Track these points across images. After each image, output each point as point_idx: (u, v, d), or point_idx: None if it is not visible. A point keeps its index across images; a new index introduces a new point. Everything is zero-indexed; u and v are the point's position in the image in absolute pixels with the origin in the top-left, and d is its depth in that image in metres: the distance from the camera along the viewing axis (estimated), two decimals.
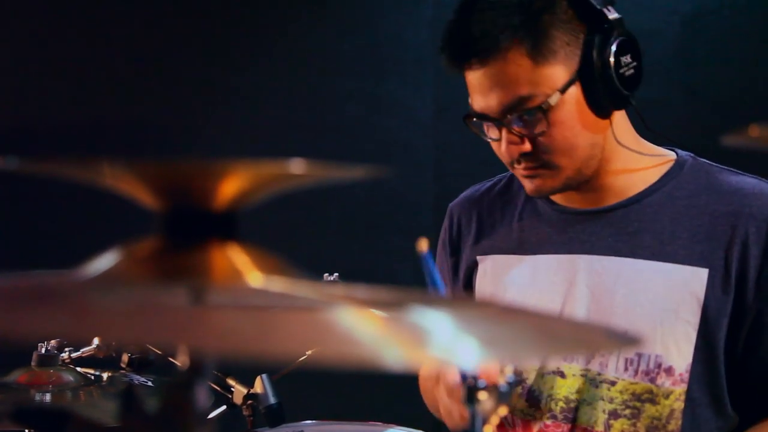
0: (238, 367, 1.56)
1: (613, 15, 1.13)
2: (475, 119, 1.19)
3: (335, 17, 2.77)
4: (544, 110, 1.11)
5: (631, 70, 1.14)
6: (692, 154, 1.24)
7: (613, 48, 1.12)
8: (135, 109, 2.67)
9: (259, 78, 2.72)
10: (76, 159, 0.49)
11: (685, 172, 1.21)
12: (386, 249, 2.72)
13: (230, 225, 0.50)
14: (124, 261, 0.49)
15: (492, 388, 0.85)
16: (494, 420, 0.86)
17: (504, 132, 1.15)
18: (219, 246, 0.49)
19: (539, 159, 1.15)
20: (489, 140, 1.19)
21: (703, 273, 1.13)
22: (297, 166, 0.47)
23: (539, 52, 1.11)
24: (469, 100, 1.19)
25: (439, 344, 0.48)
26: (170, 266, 0.48)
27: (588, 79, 1.12)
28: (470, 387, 0.85)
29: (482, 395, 0.85)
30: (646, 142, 1.24)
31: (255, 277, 0.49)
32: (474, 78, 1.16)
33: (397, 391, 2.25)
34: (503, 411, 0.87)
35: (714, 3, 2.44)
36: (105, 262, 0.49)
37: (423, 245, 0.97)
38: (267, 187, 0.50)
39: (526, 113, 1.12)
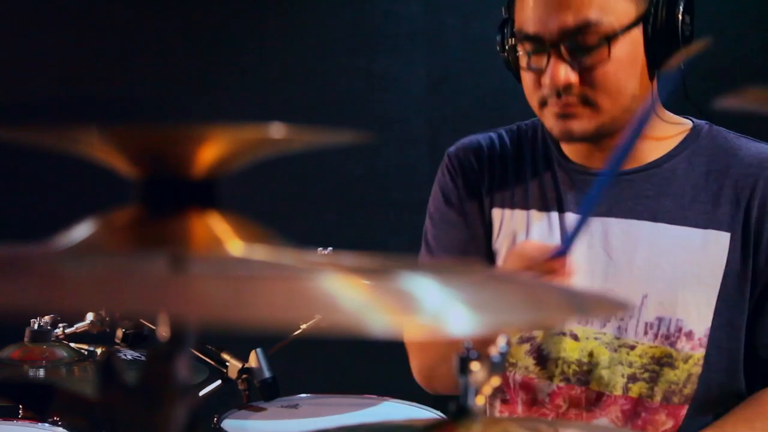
0: (233, 342, 1.55)
1: None
2: (524, 45, 1.12)
3: None
4: (609, 39, 1.07)
5: (688, 32, 1.12)
6: (708, 122, 1.22)
7: (682, 4, 1.10)
8: (129, 82, 2.64)
9: (252, 53, 2.69)
10: (52, 127, 0.47)
11: (703, 138, 1.19)
12: (381, 223, 2.71)
13: (210, 193, 0.49)
14: (101, 230, 0.47)
15: (484, 359, 0.83)
16: (487, 390, 0.85)
17: (554, 59, 1.08)
18: (198, 214, 0.48)
19: (582, 95, 1.10)
20: (528, 71, 1.13)
21: (724, 237, 1.13)
22: (277, 131, 0.46)
23: None
24: (516, 24, 1.13)
25: (427, 310, 0.47)
26: (149, 235, 0.47)
27: (653, 27, 1.09)
28: (462, 357, 0.83)
29: (474, 366, 0.83)
30: (665, 110, 1.22)
31: (236, 246, 0.47)
32: None
33: (392, 365, 2.25)
34: (496, 381, 0.86)
35: None
36: (81, 232, 0.48)
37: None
38: (247, 152, 0.49)
39: (590, 40, 1.07)
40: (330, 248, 1.67)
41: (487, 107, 2.60)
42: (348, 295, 0.45)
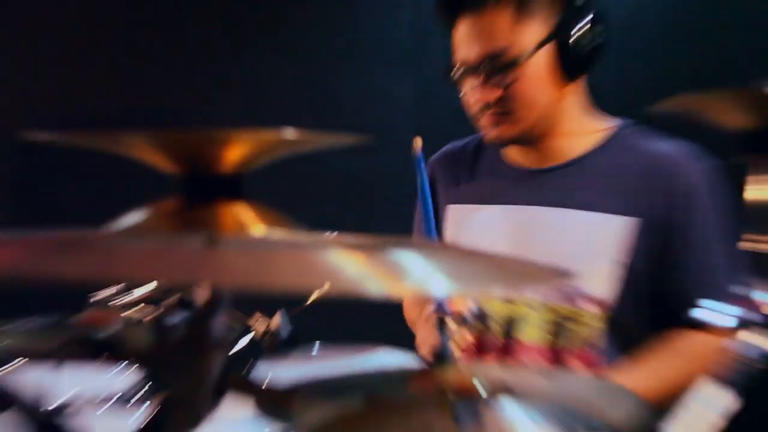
0: (258, 307, 1.55)
1: None
2: (455, 72, 1.13)
3: (325, 16, 2.72)
4: (517, 63, 1.07)
5: (600, 42, 1.09)
6: (634, 122, 1.18)
7: (590, 16, 1.08)
8: (149, 92, 2.63)
9: (255, 68, 2.67)
10: (105, 132, 0.46)
11: (623, 137, 1.16)
12: (376, 214, 2.71)
13: (236, 186, 0.48)
14: (150, 217, 0.47)
15: (458, 317, 0.84)
16: (461, 342, 0.85)
17: (474, 82, 1.10)
18: (227, 204, 0.48)
19: (504, 107, 1.10)
20: (463, 94, 1.14)
21: (631, 221, 1.09)
22: (290, 134, 0.45)
23: (523, 10, 1.06)
24: (453, 57, 1.14)
25: (414, 278, 0.47)
26: (188, 220, 0.47)
27: (561, 43, 1.07)
28: (440, 316, 0.84)
29: (450, 322, 0.84)
30: (597, 111, 1.19)
31: (258, 229, 0.47)
32: (461, 30, 1.10)
33: (386, 322, 2.25)
34: (468, 336, 0.87)
35: None
36: (133, 218, 0.47)
37: (417, 144, 0.97)
38: (266, 152, 0.48)
39: (501, 64, 1.07)
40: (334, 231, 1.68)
41: (467, 118, 2.59)
42: (350, 266, 0.45)
